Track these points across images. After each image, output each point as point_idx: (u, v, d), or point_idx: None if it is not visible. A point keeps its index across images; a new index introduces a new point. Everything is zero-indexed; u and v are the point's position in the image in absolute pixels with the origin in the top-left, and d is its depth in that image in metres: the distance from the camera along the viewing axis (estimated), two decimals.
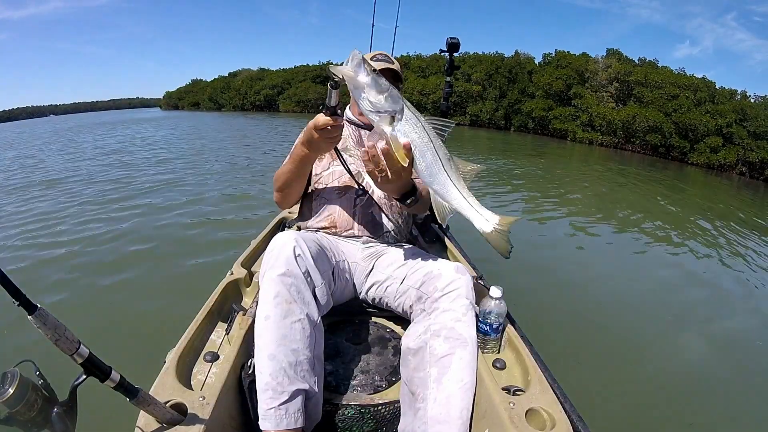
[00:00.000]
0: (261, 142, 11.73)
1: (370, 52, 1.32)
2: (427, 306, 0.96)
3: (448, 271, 0.98)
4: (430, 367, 0.86)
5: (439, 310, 0.92)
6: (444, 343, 0.87)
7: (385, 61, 1.24)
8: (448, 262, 1.04)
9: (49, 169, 6.96)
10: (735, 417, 1.80)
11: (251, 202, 4.50)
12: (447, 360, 0.85)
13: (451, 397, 0.81)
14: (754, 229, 5.74)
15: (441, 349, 0.86)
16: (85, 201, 4.57)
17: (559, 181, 7.79)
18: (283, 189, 1.20)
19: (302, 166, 1.12)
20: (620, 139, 18.87)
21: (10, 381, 0.57)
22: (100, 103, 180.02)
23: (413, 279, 1.03)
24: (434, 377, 0.84)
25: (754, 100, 17.92)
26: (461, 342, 0.87)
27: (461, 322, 0.89)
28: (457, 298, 0.92)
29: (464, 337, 0.87)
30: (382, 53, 1.29)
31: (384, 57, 1.28)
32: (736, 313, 2.86)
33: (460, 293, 0.93)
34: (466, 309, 0.91)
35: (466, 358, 0.85)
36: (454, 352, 0.85)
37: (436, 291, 0.95)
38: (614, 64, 20.50)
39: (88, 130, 17.11)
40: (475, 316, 0.93)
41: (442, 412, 0.80)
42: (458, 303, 0.91)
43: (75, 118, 45.05)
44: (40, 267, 2.79)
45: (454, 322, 0.89)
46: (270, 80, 38.72)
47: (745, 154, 15.46)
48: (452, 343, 0.86)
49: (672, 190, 8.71)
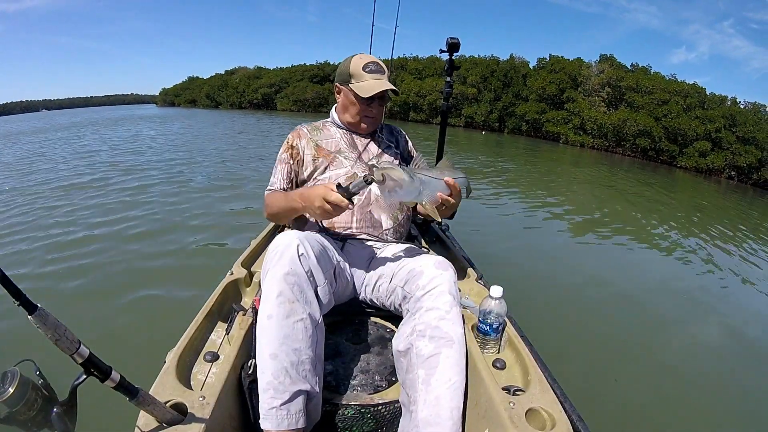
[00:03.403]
0: (262, 140, 11.69)
1: (368, 54, 1.26)
2: (411, 306, 0.95)
3: (429, 267, 0.97)
4: (417, 368, 0.85)
5: (423, 309, 0.90)
6: (429, 343, 0.85)
7: (378, 72, 1.20)
8: (430, 257, 1.02)
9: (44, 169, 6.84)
10: (735, 416, 1.82)
11: (251, 202, 4.48)
12: (433, 360, 0.84)
13: (440, 398, 0.80)
14: (746, 230, 5.86)
15: (427, 350, 0.85)
16: (85, 201, 4.50)
17: (553, 182, 7.87)
18: (275, 219, 1.28)
19: (294, 213, 1.17)
20: (611, 143, 19.14)
21: (10, 380, 0.57)
22: (95, 99, 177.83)
23: (399, 277, 1.03)
24: (422, 379, 0.83)
25: (743, 106, 18.26)
26: (447, 341, 0.85)
27: (446, 320, 0.87)
28: (439, 296, 0.91)
29: (450, 335, 0.86)
30: (373, 61, 1.21)
31: (377, 67, 1.20)
32: (735, 311, 2.91)
33: (442, 290, 0.91)
34: (450, 305, 0.90)
35: (453, 356, 0.84)
36: (440, 352, 0.84)
37: (419, 289, 0.94)
38: (607, 70, 20.77)
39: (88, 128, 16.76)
40: (460, 312, 0.92)
41: (432, 413, 0.79)
42: (441, 300, 0.90)
43: (69, 113, 44.29)
44: (39, 267, 2.75)
45: (438, 321, 0.87)
46: (267, 79, 38.42)
47: (734, 159, 15.76)
48: (437, 342, 0.85)
49: (661, 192, 8.85)
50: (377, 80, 1.19)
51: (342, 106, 1.28)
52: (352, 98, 1.22)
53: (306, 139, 1.28)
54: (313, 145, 1.26)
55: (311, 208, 1.00)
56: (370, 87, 1.18)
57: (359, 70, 1.19)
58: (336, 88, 1.27)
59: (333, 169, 1.24)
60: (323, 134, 1.30)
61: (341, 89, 1.26)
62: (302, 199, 1.06)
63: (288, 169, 1.26)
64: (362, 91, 1.18)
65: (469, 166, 8.50)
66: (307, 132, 1.30)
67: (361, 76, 1.19)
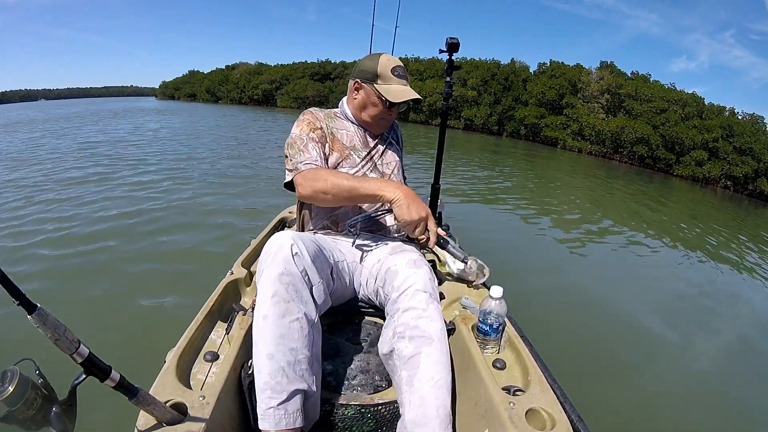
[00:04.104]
0: (263, 138, 11.66)
1: (393, 57, 1.22)
2: (389, 308, 0.95)
3: (402, 267, 0.96)
4: (400, 370, 0.85)
5: (400, 310, 0.90)
6: (410, 344, 0.85)
7: (405, 78, 1.19)
8: (405, 255, 1.01)
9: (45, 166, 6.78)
10: (735, 416, 1.84)
11: (251, 202, 4.46)
12: (414, 360, 0.83)
13: (424, 397, 0.80)
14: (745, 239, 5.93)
15: (407, 351, 0.84)
16: (85, 201, 4.46)
17: (553, 185, 7.91)
18: (318, 197, 1.06)
19: (357, 198, 1.05)
20: (608, 149, 19.29)
21: (9, 379, 0.56)
22: (93, 90, 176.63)
23: (379, 277, 1.03)
24: (405, 380, 0.83)
25: (741, 117, 18.46)
26: (426, 339, 0.84)
27: (423, 318, 0.87)
28: (414, 294, 0.90)
29: (428, 333, 0.85)
30: (401, 65, 1.19)
31: (404, 72, 1.19)
32: (735, 317, 2.94)
33: (417, 288, 0.91)
34: (427, 303, 0.89)
35: (434, 354, 0.83)
36: (420, 351, 0.83)
37: (394, 290, 0.94)
38: (606, 77, 20.91)
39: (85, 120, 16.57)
40: (439, 307, 0.91)
41: (419, 414, 0.79)
42: (417, 298, 0.89)
43: (67, 104, 43.87)
44: (39, 266, 2.72)
45: (416, 320, 0.87)
46: (268, 75, 38.37)
47: (730, 169, 15.92)
48: (417, 342, 0.85)
49: (659, 199, 8.92)
50: (405, 86, 1.18)
51: (361, 103, 1.22)
52: (375, 99, 1.18)
53: (324, 124, 1.21)
54: (329, 133, 1.20)
55: (407, 206, 0.98)
56: (401, 93, 1.16)
57: (388, 72, 1.16)
58: (355, 84, 1.21)
59: (345, 166, 1.20)
60: (337, 124, 1.24)
61: (363, 86, 1.20)
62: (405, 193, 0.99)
63: (321, 149, 1.15)
64: (391, 96, 1.15)
65: (468, 169, 8.53)
66: (323, 117, 1.23)
67: (390, 78, 1.16)
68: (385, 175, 1.27)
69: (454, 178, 7.07)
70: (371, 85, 1.17)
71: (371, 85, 1.17)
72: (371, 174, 1.23)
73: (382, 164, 1.27)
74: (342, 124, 1.25)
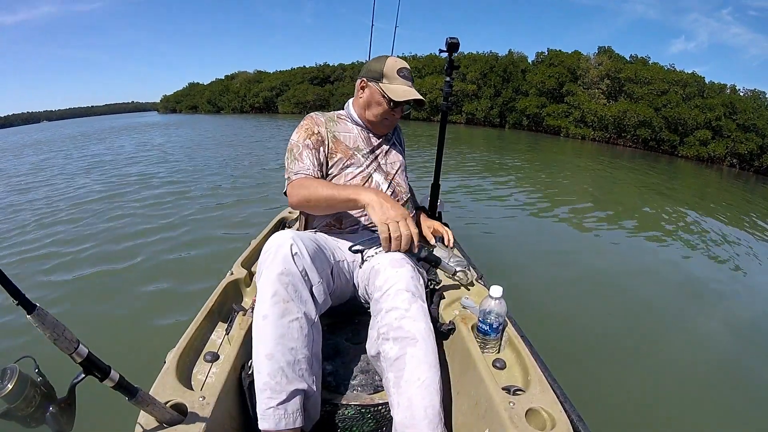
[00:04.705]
0: (264, 140, 11.70)
1: (400, 59, 1.24)
2: (373, 308, 0.94)
3: (384, 266, 0.95)
4: (387, 372, 0.84)
5: (383, 311, 0.89)
6: (394, 345, 0.84)
7: (410, 80, 1.20)
8: (388, 255, 0.99)
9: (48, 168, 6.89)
10: (735, 416, 1.80)
11: (251, 202, 4.49)
12: (400, 362, 0.82)
13: (411, 398, 0.79)
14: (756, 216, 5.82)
15: (392, 352, 0.84)
16: (85, 201, 4.54)
17: (553, 177, 7.83)
18: (306, 205, 1.08)
19: (338, 206, 1.04)
20: (611, 135, 19.09)
21: (9, 377, 0.57)
22: (96, 108, 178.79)
23: (364, 277, 1.02)
24: (393, 382, 0.82)
25: (743, 94, 18.14)
26: (410, 339, 0.83)
27: (406, 318, 0.86)
28: (396, 294, 0.89)
29: (412, 333, 0.84)
30: (406, 67, 1.21)
31: (409, 74, 1.22)
32: (738, 309, 2.87)
33: (399, 288, 0.90)
34: (410, 303, 0.88)
35: (419, 355, 0.82)
36: (405, 352, 0.82)
37: (377, 290, 0.93)
38: (605, 62, 20.67)
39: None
40: (423, 306, 0.89)
41: (407, 415, 0.78)
42: (399, 298, 0.88)
43: (71, 123, 44.43)
44: (39, 266, 2.77)
45: (399, 321, 0.86)
46: (268, 82, 38.55)
47: (735, 146, 15.65)
48: (401, 343, 0.84)
49: (665, 183, 8.80)
50: (409, 87, 1.19)
51: (366, 102, 1.23)
52: (380, 98, 1.19)
53: (324, 128, 1.21)
54: (331, 137, 1.21)
55: (380, 207, 0.93)
56: (404, 92, 1.17)
57: (393, 73, 1.18)
58: (361, 83, 1.23)
59: (351, 167, 1.20)
60: (340, 126, 1.25)
61: (368, 86, 1.21)
62: (381, 197, 0.96)
63: (316, 155, 1.16)
64: (394, 94, 1.16)
65: (471, 165, 8.49)
66: (324, 121, 1.23)
67: (395, 78, 1.18)
68: (389, 174, 1.27)
69: (463, 174, 7.05)
70: (376, 84, 1.19)
71: (376, 84, 1.19)
72: (376, 174, 1.24)
73: (387, 164, 1.28)
74: (345, 127, 1.26)
